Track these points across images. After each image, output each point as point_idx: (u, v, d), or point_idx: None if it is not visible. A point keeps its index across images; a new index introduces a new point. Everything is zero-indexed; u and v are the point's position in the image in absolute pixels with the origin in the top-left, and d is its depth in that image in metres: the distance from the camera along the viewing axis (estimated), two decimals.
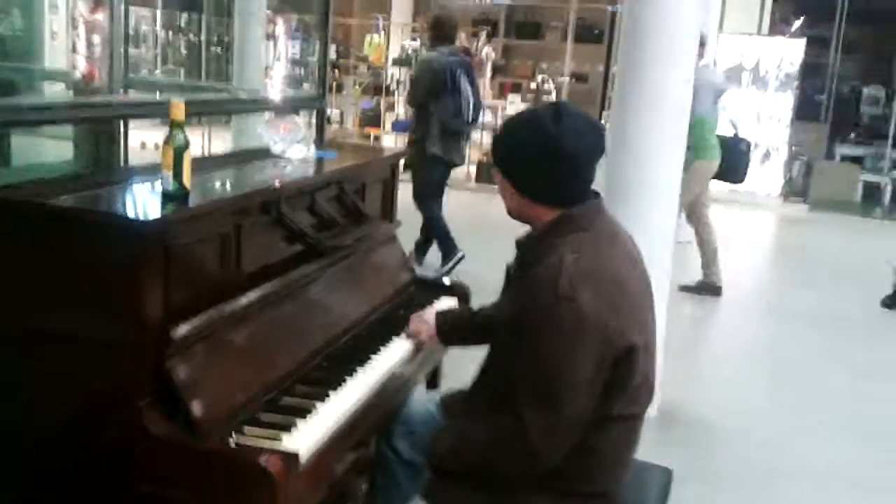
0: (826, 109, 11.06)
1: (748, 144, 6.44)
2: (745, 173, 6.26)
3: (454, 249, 5.88)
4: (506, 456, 1.81)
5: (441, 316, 2.43)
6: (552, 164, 1.84)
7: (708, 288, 6.07)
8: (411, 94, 6.05)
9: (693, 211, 6.02)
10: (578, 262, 1.77)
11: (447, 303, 2.80)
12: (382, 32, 11.84)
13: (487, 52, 11.27)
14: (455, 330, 2.41)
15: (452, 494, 1.91)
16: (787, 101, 10.68)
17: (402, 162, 3.60)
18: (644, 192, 3.75)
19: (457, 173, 10.16)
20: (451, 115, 5.72)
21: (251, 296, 1.95)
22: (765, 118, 10.75)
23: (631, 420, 1.89)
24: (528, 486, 1.84)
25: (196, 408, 1.65)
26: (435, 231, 5.96)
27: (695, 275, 6.26)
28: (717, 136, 6.09)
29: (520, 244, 1.96)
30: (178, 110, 1.77)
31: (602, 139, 1.90)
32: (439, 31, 5.99)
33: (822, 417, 4.17)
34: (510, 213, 1.97)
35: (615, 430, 1.86)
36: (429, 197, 5.93)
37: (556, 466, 1.80)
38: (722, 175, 6.05)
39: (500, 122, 10.55)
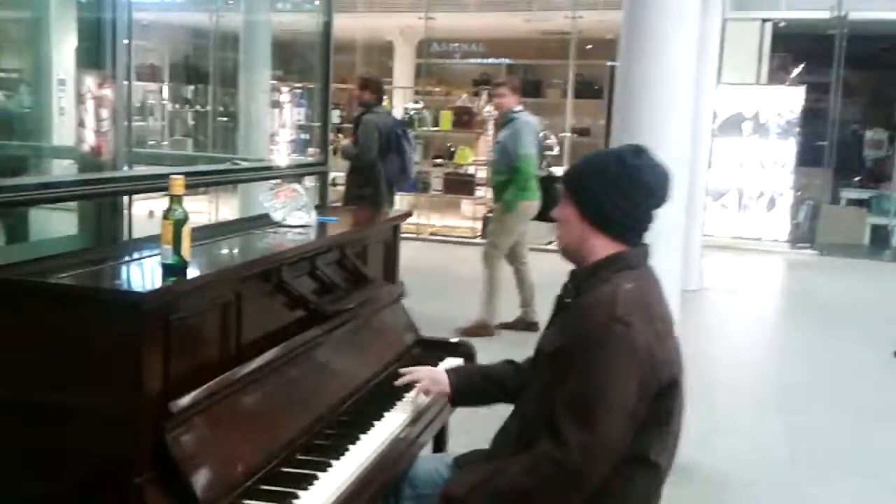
0: (829, 154, 11.11)
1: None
2: None
3: None
4: (545, 481, 1.78)
5: (453, 375, 2.35)
6: (627, 190, 1.91)
7: (482, 328, 5.90)
8: (363, 154, 6.15)
9: (511, 251, 6.05)
10: (632, 290, 1.87)
11: (452, 363, 2.79)
12: (385, 96, 12.02)
13: (489, 110, 11.41)
14: (471, 390, 2.32)
15: None
16: (789, 148, 10.78)
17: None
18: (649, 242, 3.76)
19: (463, 230, 10.22)
20: (398, 173, 6.19)
21: (252, 365, 1.95)
22: (768, 165, 10.84)
23: (660, 471, 1.92)
24: None
25: (197, 482, 1.64)
26: None
27: (702, 322, 6.22)
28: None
29: (574, 274, 2.00)
30: (177, 185, 1.80)
31: (670, 187, 1.98)
32: (376, 93, 6.34)
33: (838, 465, 4.10)
34: (566, 249, 2.02)
35: (647, 479, 1.89)
36: None
37: None
38: (540, 215, 6.09)
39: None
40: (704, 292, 7.94)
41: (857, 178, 12.02)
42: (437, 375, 2.36)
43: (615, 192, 1.91)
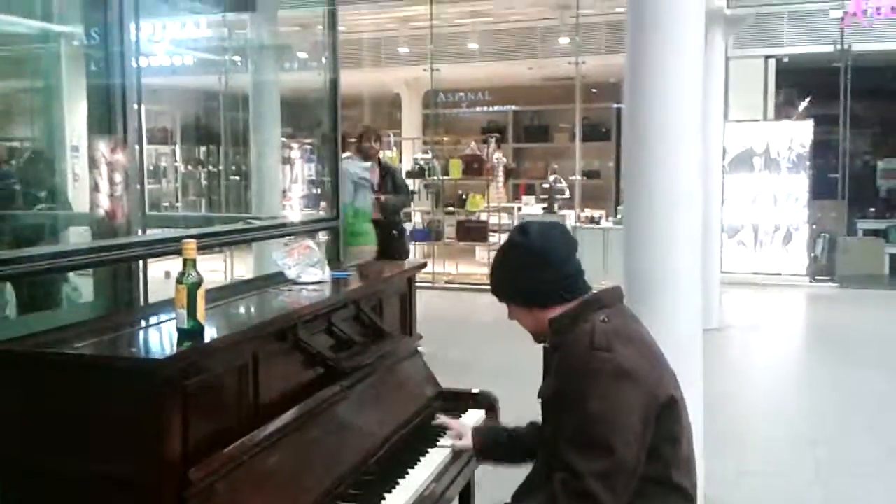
0: (842, 186, 11.07)
1: (401, 229, 6.80)
2: (402, 255, 6.48)
3: None
4: None
5: (481, 431, 2.46)
6: (537, 266, 2.03)
7: None
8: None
9: None
10: (608, 322, 1.94)
11: (475, 414, 2.75)
12: (395, 148, 12.13)
13: (498, 157, 11.48)
14: (496, 447, 2.39)
15: None
16: (801, 182, 10.74)
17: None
18: (666, 283, 3.72)
19: (479, 277, 10.20)
20: None
21: (271, 427, 1.92)
22: (781, 199, 10.79)
23: (687, 495, 1.94)
24: None
25: None
26: None
27: (726, 361, 6.10)
28: (373, 221, 6.27)
29: (554, 322, 2.04)
30: (190, 249, 1.80)
31: (568, 232, 2.14)
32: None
33: (871, 501, 3.98)
34: (535, 335, 2.12)
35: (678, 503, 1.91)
36: None
37: None
38: (382, 255, 6.17)
39: (515, 222, 10.66)
40: (726, 330, 7.85)
41: (871, 209, 11.94)
42: (465, 431, 2.45)
43: (526, 273, 2.04)
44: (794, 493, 4.11)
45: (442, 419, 2.58)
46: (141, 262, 2.85)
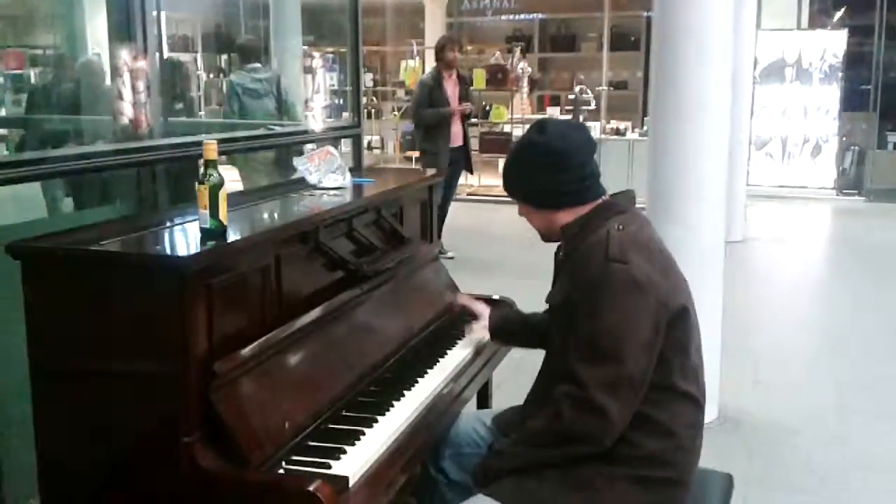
0: (874, 98, 10.80)
1: None
2: None
3: None
4: (573, 424, 1.81)
5: (495, 315, 2.52)
6: (552, 167, 1.98)
7: None
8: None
9: None
10: (624, 230, 1.91)
11: None
12: (417, 58, 11.94)
13: (523, 67, 11.27)
14: (509, 332, 2.47)
15: (530, 492, 1.89)
16: (833, 93, 10.52)
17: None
18: (689, 195, 3.70)
19: (502, 189, 10.16)
20: None
21: (294, 325, 1.97)
22: (812, 111, 10.59)
23: (697, 404, 1.95)
24: (607, 473, 1.85)
25: (244, 440, 1.67)
26: None
27: (748, 273, 6.09)
28: None
29: (566, 229, 2.02)
30: (211, 150, 1.81)
31: (588, 134, 2.07)
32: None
33: (886, 414, 4.03)
34: (543, 235, 2.10)
35: (686, 410, 1.92)
36: None
37: (639, 448, 1.84)
38: None
39: None
40: (750, 242, 7.82)
41: None
42: (483, 312, 2.54)
43: (541, 173, 1.99)
44: (810, 402, 4.16)
45: (463, 300, 2.66)
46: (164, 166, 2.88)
